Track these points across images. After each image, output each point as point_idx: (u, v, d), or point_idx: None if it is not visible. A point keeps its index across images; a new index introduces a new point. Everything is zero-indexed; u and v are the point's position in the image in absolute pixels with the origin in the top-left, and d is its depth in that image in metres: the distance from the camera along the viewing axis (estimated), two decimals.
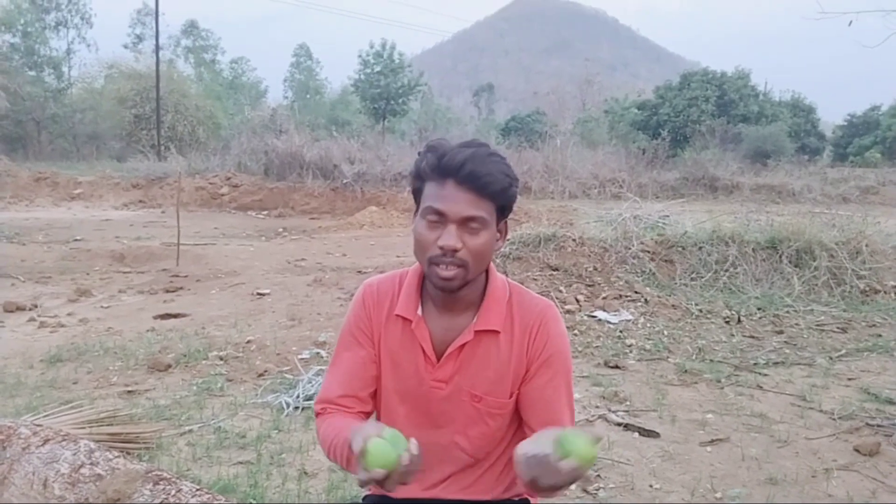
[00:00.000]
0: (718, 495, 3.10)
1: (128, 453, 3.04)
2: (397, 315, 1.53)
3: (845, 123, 46.59)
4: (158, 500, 2.15)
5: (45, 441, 2.50)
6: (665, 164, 26.55)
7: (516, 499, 1.59)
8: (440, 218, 1.37)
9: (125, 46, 48.91)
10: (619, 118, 40.48)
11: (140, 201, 20.03)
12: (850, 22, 7.66)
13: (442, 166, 1.37)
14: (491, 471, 1.57)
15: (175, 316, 6.61)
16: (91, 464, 2.34)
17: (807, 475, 3.30)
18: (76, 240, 11.68)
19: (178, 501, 2.14)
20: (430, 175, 1.40)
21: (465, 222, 1.36)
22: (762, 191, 21.70)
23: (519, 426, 1.57)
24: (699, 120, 33.25)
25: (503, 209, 1.44)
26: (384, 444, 1.16)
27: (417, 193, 1.45)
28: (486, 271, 1.52)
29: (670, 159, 28.42)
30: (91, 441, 2.63)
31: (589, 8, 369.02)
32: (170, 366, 4.83)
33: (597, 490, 3.13)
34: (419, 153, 1.46)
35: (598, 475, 3.27)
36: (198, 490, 2.22)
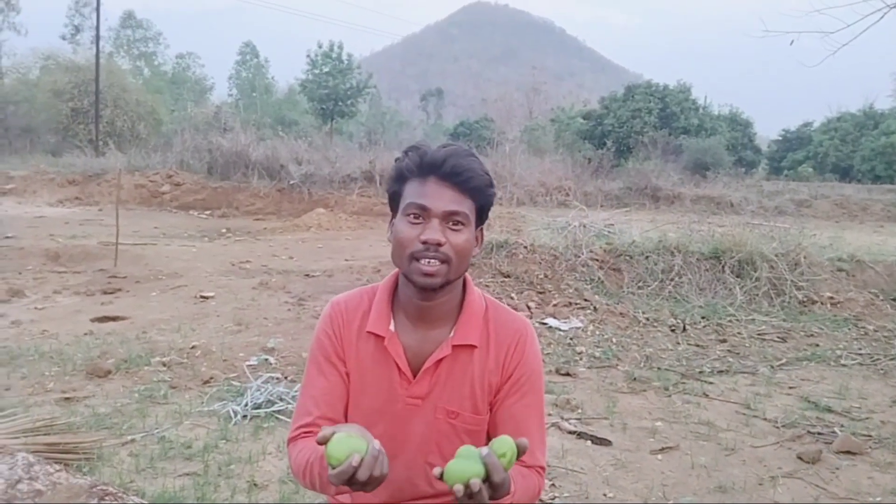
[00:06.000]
0: None
1: (67, 465, 2.90)
2: (369, 332, 1.48)
3: (780, 138, 48.55)
4: None
5: None
6: (609, 174, 27.02)
7: None
8: (423, 213, 1.36)
9: (63, 38, 47.16)
10: (565, 127, 41.08)
11: (76, 198, 19.27)
12: (792, 41, 7.96)
13: (424, 164, 1.38)
14: None
15: (114, 319, 6.36)
16: (30, 479, 2.21)
17: (754, 483, 3.37)
18: (8, 237, 11.13)
19: None
20: (412, 173, 1.40)
21: (447, 217, 1.36)
22: (702, 202, 22.28)
23: None
24: (642, 131, 34.02)
25: (482, 210, 1.44)
26: (349, 437, 1.15)
27: (396, 197, 1.44)
28: (464, 283, 1.49)
29: (614, 169, 28.95)
30: (29, 453, 2.48)
31: (538, 18, 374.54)
32: (109, 372, 4.63)
33: (552, 500, 3.14)
34: (396, 158, 1.44)
35: (554, 484, 3.27)
36: None
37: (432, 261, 1.35)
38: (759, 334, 6.39)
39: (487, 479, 1.13)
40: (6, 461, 2.31)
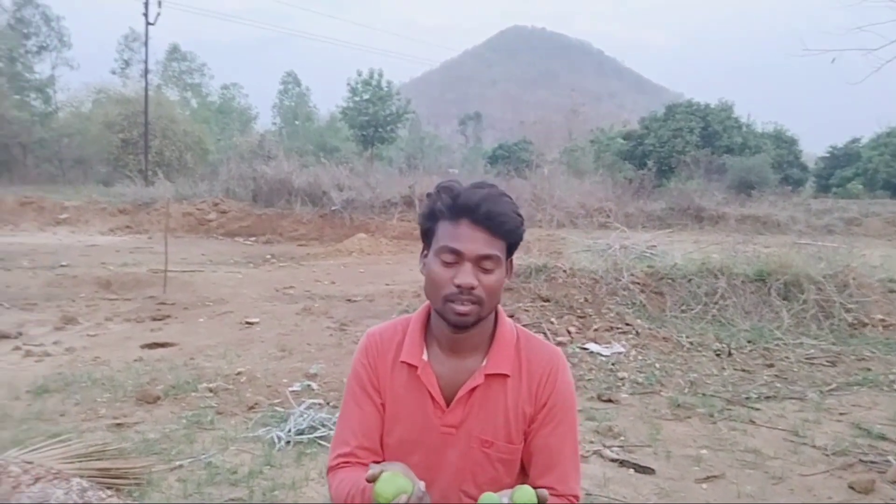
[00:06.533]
0: None
1: (118, 490, 2.99)
2: (402, 362, 1.52)
3: (827, 155, 47.41)
4: None
5: (37, 479, 2.45)
6: (651, 194, 26.75)
7: None
8: (456, 257, 1.40)
9: (113, 72, 49.14)
10: (605, 148, 40.95)
11: (127, 227, 19.89)
12: (833, 59, 7.84)
13: (457, 206, 1.41)
14: None
15: (163, 345, 6.53)
16: None
17: None
18: (62, 265, 11.55)
19: None
20: (444, 215, 1.43)
21: (479, 261, 1.40)
22: (747, 221, 21.91)
23: (526, 476, 1.56)
24: (684, 150, 33.71)
25: (512, 247, 1.48)
26: (396, 476, 1.22)
27: (428, 233, 1.47)
28: (496, 314, 1.53)
29: (656, 189, 28.67)
30: (82, 479, 2.58)
31: (575, 40, 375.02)
32: (158, 398, 4.76)
33: None
34: (428, 194, 1.48)
35: None
36: None
37: (465, 302, 1.39)
38: (807, 358, 6.22)
39: None
40: (62, 486, 2.41)
